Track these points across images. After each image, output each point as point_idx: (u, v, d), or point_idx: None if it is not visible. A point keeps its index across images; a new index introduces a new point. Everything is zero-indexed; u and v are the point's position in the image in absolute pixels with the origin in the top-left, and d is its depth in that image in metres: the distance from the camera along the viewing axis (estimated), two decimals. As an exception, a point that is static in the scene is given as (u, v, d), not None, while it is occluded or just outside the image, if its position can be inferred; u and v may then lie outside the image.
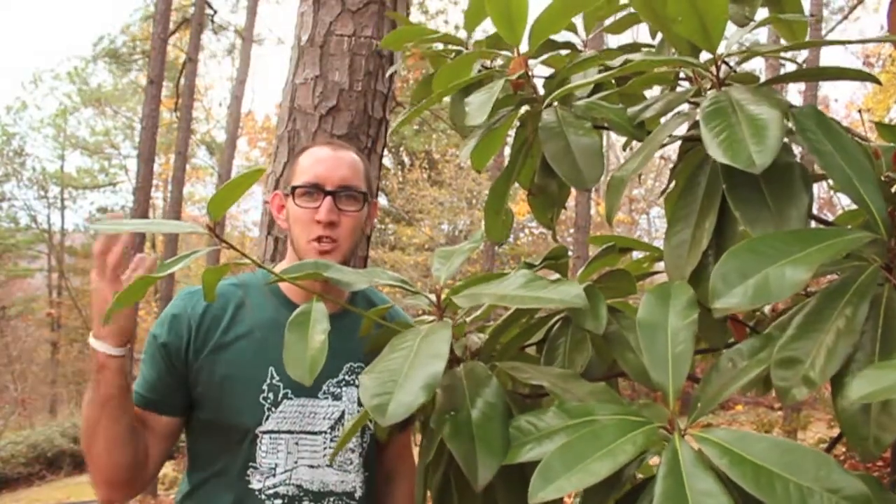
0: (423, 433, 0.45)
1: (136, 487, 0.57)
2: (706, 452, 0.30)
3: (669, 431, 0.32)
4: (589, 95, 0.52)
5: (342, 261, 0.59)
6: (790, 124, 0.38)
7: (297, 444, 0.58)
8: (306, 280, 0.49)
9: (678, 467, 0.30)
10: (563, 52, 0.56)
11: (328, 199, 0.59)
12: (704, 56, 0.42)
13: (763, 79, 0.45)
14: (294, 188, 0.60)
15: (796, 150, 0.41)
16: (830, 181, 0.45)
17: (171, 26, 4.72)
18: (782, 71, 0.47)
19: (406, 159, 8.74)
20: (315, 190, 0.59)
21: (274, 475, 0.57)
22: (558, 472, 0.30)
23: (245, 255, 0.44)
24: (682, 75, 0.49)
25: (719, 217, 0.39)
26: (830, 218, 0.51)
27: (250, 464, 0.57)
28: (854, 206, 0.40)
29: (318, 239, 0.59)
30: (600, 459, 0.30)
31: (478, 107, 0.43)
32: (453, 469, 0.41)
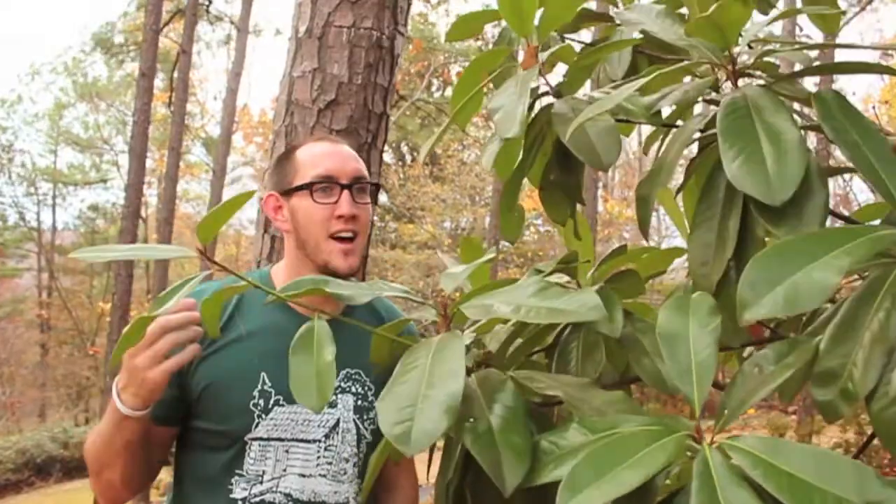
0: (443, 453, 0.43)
1: (136, 495, 0.58)
2: (737, 462, 0.28)
3: (697, 441, 0.31)
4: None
5: (362, 256, 0.58)
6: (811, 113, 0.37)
7: (287, 451, 0.56)
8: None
9: (710, 479, 0.28)
10: (604, 23, 0.53)
11: (346, 192, 0.57)
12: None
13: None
14: (311, 184, 0.57)
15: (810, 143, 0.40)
16: (845, 176, 0.42)
17: (164, 16, 4.60)
18: (796, 63, 0.45)
19: (407, 155, 8.66)
20: (331, 184, 0.57)
21: (261, 482, 0.55)
22: (587, 481, 0.28)
23: (240, 276, 0.41)
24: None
25: (742, 220, 0.38)
26: (846, 212, 0.49)
27: (237, 471, 0.55)
28: (871, 201, 0.38)
29: (338, 234, 0.57)
30: (631, 468, 0.28)
31: (508, 115, 0.41)
32: (468, 483, 0.39)
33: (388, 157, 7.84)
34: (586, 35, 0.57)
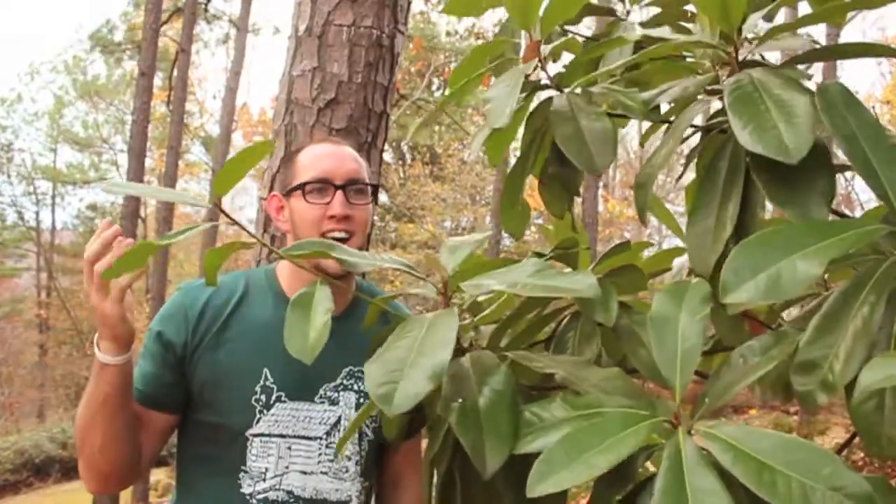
0: (430, 431, 0.44)
1: (126, 482, 0.57)
2: (711, 448, 0.29)
3: (675, 426, 0.32)
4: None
5: None
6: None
7: (289, 448, 0.56)
8: (311, 261, 0.47)
9: (680, 463, 0.29)
10: (609, 18, 0.54)
11: (339, 192, 0.58)
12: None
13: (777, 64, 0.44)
14: (303, 185, 0.58)
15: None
16: (848, 175, 0.43)
17: (163, 15, 4.59)
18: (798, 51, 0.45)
19: (407, 154, 8.66)
20: (325, 185, 0.58)
21: (264, 480, 0.56)
22: (559, 464, 0.29)
23: (250, 232, 0.42)
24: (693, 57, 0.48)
25: (741, 204, 0.38)
26: (847, 212, 0.49)
27: (241, 467, 0.56)
28: (873, 200, 0.39)
29: (329, 235, 0.58)
30: (602, 452, 0.29)
31: (499, 106, 0.41)
32: (457, 463, 0.40)
33: (388, 156, 7.84)
34: (583, 30, 0.58)
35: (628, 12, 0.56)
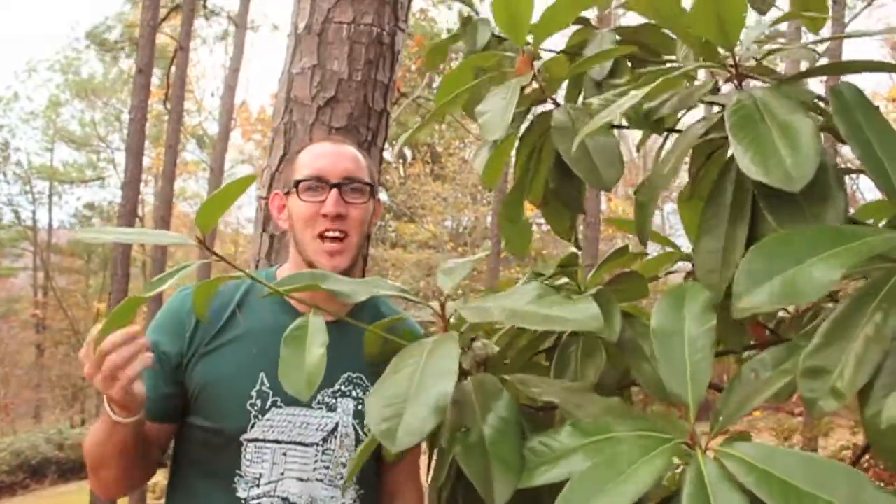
0: (430, 450, 0.43)
1: (133, 489, 0.61)
2: (731, 469, 0.28)
3: (691, 447, 0.31)
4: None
5: (352, 256, 0.58)
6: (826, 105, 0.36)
7: (284, 454, 0.56)
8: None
9: (704, 488, 0.28)
10: (577, 26, 0.53)
11: (334, 191, 0.57)
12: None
13: (781, 71, 0.42)
14: (297, 182, 0.58)
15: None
16: (853, 175, 0.42)
17: (161, 12, 4.54)
18: (802, 64, 0.44)
19: (408, 153, 8.65)
20: (319, 183, 0.58)
21: (258, 485, 0.55)
22: (583, 499, 0.28)
23: (237, 267, 0.41)
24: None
25: (750, 226, 0.37)
26: (851, 212, 0.49)
27: (237, 471, 0.56)
28: (874, 198, 0.38)
29: (325, 234, 0.57)
30: (623, 484, 0.28)
31: (493, 118, 0.40)
32: (461, 489, 0.39)
33: (388, 154, 7.81)
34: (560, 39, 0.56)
35: (599, 19, 0.55)
